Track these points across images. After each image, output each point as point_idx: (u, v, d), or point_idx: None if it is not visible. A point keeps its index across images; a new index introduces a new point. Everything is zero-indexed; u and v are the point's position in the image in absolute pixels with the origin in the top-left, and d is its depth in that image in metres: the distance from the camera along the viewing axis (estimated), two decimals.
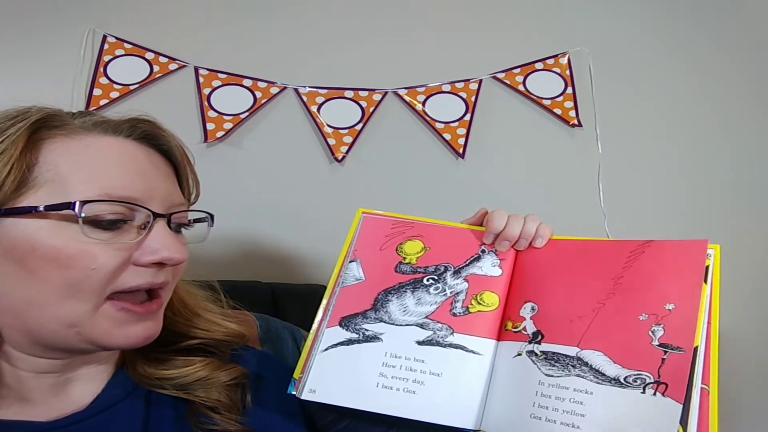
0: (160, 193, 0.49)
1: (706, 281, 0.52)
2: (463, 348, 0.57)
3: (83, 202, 0.44)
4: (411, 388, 0.55)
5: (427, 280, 0.62)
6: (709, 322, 0.49)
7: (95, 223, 0.45)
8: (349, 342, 0.59)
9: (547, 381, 0.51)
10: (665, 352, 0.48)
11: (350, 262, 0.64)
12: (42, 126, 0.46)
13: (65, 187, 0.45)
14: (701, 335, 0.49)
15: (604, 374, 0.49)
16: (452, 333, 0.58)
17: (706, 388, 0.46)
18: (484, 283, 0.61)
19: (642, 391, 0.47)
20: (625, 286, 0.54)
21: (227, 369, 0.55)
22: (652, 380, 0.47)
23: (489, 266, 0.62)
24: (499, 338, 0.58)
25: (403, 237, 0.65)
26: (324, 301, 0.63)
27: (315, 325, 0.62)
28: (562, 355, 0.52)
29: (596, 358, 0.51)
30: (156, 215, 0.48)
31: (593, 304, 0.54)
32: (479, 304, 0.60)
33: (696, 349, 0.48)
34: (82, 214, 0.44)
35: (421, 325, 0.59)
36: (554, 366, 0.52)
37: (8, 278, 0.44)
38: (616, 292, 0.54)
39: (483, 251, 0.63)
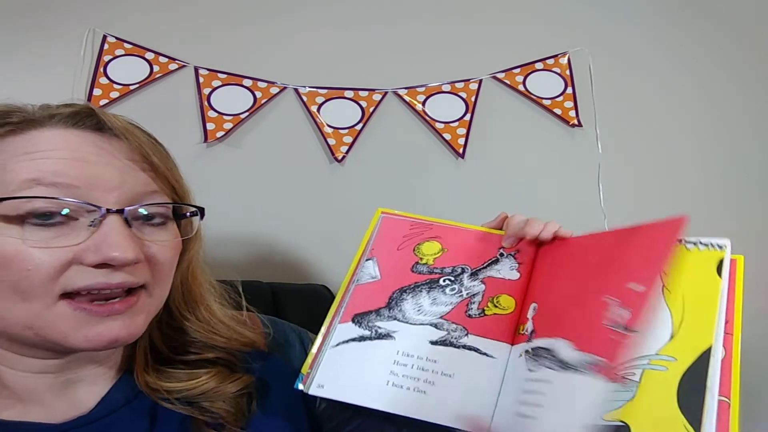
0: (110, 182, 0.45)
1: (720, 275, 0.50)
2: (476, 350, 0.56)
3: (4, 198, 0.42)
4: (422, 388, 0.54)
5: (444, 281, 0.61)
6: (726, 321, 0.47)
7: (32, 221, 0.42)
8: (361, 339, 0.58)
9: (528, 376, 0.51)
10: (623, 335, 0.46)
11: (367, 260, 0.64)
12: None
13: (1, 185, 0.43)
14: (717, 334, 0.46)
15: (565, 362, 0.48)
16: (466, 334, 0.57)
17: (726, 400, 0.44)
18: (502, 286, 0.60)
19: (593, 376, 0.46)
20: (601, 271, 0.53)
21: (234, 380, 0.54)
22: (603, 364, 0.46)
23: (507, 270, 0.61)
24: (513, 342, 0.57)
25: (421, 238, 0.65)
26: (338, 298, 0.62)
27: (327, 321, 0.61)
28: (541, 348, 0.52)
29: (560, 346, 0.50)
30: (108, 210, 0.44)
31: (573, 294, 0.54)
32: (495, 306, 0.59)
33: (710, 349, 0.46)
34: (27, 212, 0.42)
35: (435, 325, 0.58)
36: (536, 361, 0.52)
37: None
38: (592, 279, 0.53)
39: (501, 254, 0.63)
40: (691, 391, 0.45)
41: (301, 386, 0.56)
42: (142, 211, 0.47)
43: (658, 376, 0.46)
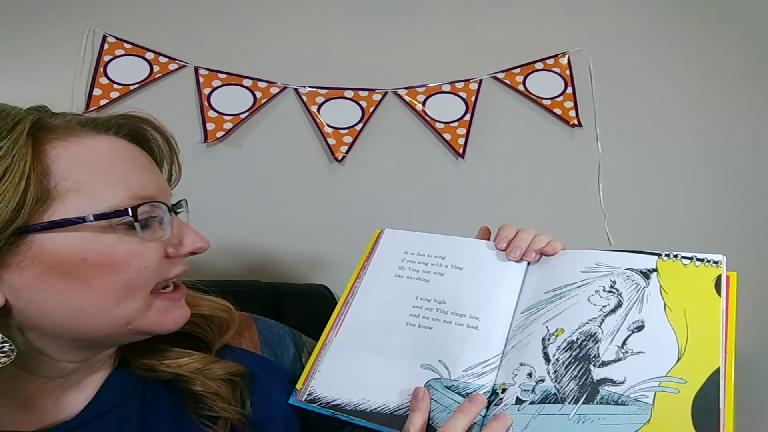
0: (163, 187, 0.51)
1: (719, 293, 0.51)
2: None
3: (134, 208, 0.45)
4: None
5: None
6: (726, 341, 0.49)
7: (132, 225, 0.46)
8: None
9: None
10: None
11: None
12: (37, 130, 0.44)
13: (90, 194, 0.44)
14: (721, 355, 0.48)
15: None
16: None
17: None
18: None
19: None
20: None
21: (222, 363, 0.55)
22: None
23: None
24: None
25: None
26: (335, 312, 0.63)
27: (323, 335, 0.62)
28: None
29: None
30: (170, 209, 0.50)
31: None
32: None
33: (718, 370, 0.47)
34: (138, 218, 0.45)
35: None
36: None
37: (56, 292, 0.44)
38: None
39: None
40: (705, 413, 0.45)
41: (294, 401, 0.57)
42: (177, 208, 0.53)
43: (670, 399, 0.47)
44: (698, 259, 0.54)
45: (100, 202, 0.44)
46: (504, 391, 0.53)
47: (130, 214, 0.45)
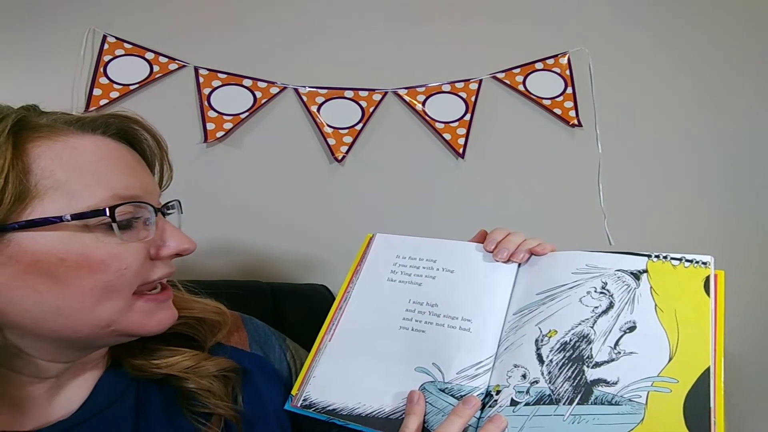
0: (150, 187, 0.50)
1: (708, 294, 0.52)
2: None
3: (112, 208, 0.44)
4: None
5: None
6: (715, 340, 0.49)
7: (119, 224, 0.45)
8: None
9: None
10: None
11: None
12: (20, 128, 0.44)
13: (70, 193, 0.44)
14: (711, 354, 0.48)
15: None
16: None
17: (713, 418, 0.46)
18: None
19: None
20: None
21: (214, 360, 0.56)
22: None
23: None
24: None
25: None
26: (329, 317, 0.63)
27: (318, 340, 0.62)
28: None
29: None
30: (157, 210, 0.49)
31: None
32: None
33: (708, 369, 0.48)
34: (117, 219, 0.45)
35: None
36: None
37: (33, 292, 0.43)
38: None
39: None
40: (697, 412, 0.46)
41: (289, 406, 0.57)
42: (167, 210, 0.53)
43: (663, 399, 0.47)
44: (687, 260, 0.55)
45: (80, 202, 0.44)
46: (498, 392, 0.53)
47: (108, 214, 0.44)
